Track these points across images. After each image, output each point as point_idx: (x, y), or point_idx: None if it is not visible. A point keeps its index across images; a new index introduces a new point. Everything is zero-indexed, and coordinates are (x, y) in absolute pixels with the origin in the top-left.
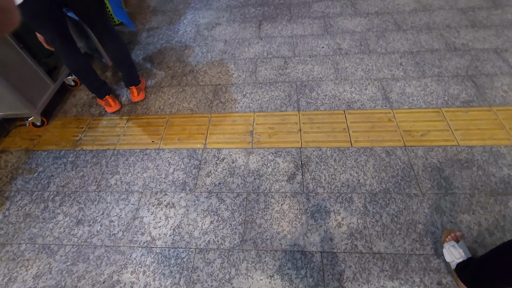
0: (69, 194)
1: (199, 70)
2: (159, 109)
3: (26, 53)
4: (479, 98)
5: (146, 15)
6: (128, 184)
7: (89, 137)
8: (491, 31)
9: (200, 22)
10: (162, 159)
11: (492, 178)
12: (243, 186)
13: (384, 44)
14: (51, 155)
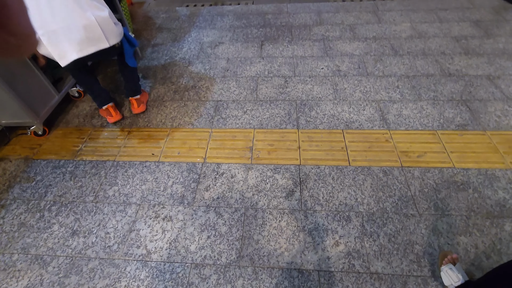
0: (66, 204)
1: (202, 86)
2: (160, 122)
3: (34, 64)
4: (474, 122)
5: (152, 31)
6: (126, 196)
7: (90, 147)
8: (484, 58)
9: (204, 41)
10: (162, 172)
11: (487, 201)
12: (241, 202)
13: (381, 67)
14: (50, 164)
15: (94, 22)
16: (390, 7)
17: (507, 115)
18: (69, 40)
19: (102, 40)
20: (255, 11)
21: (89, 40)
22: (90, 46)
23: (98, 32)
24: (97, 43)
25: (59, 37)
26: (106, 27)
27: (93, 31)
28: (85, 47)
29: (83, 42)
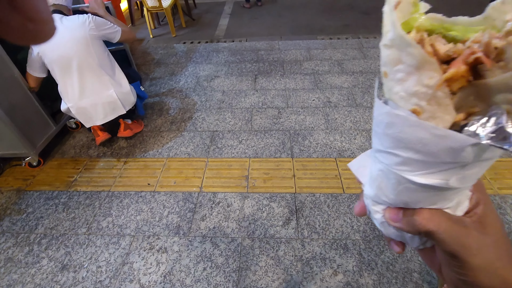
0: (57, 236)
1: (198, 117)
2: (157, 152)
3: (34, 96)
4: None
5: (150, 66)
6: (120, 227)
7: (85, 178)
8: None
9: (200, 74)
10: (157, 202)
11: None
12: (238, 231)
13: (369, 99)
14: (43, 196)
15: (116, 98)
16: (374, 44)
17: None
18: (95, 112)
19: (120, 109)
20: (249, 48)
21: (111, 110)
22: (111, 114)
23: (118, 104)
24: (116, 111)
25: (86, 112)
26: (124, 99)
27: (114, 104)
28: (107, 116)
29: (105, 112)
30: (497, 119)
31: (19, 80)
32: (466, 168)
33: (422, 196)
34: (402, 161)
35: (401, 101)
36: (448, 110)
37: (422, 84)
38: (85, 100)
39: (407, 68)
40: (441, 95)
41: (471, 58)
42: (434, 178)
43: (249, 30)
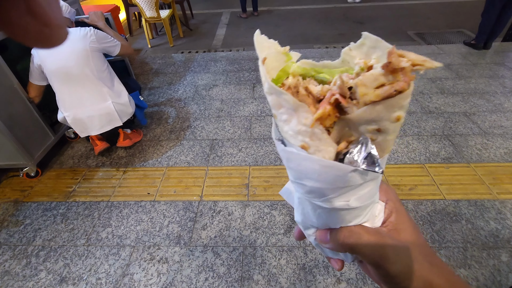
0: (55, 248)
1: (197, 126)
2: (156, 161)
3: (33, 106)
4: (458, 155)
5: (149, 76)
6: (120, 237)
7: (83, 188)
8: (459, 97)
9: (199, 84)
10: (157, 212)
11: (481, 232)
12: (239, 240)
13: None
14: (41, 207)
15: (113, 110)
16: None
17: (486, 148)
18: (91, 123)
19: (117, 120)
20: (246, 57)
21: (107, 121)
22: (107, 126)
23: (115, 116)
24: (112, 123)
25: (82, 122)
26: (121, 111)
27: (111, 116)
28: (103, 127)
29: (101, 124)
30: (366, 146)
31: (18, 90)
32: (359, 188)
33: (337, 217)
34: (309, 189)
35: (291, 138)
36: (328, 143)
37: (302, 124)
38: (82, 110)
39: (287, 111)
40: (318, 131)
41: (332, 99)
42: (337, 201)
43: (246, 39)
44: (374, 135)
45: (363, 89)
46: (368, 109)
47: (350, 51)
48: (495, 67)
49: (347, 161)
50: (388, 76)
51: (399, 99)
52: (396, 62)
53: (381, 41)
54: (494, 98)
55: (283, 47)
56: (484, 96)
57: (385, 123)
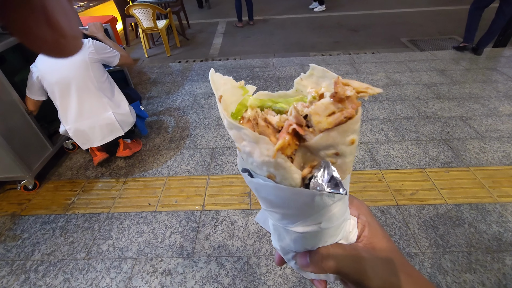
0: (54, 263)
1: (197, 134)
2: (156, 171)
3: (32, 118)
4: (456, 159)
5: (147, 85)
6: (121, 250)
7: (83, 200)
8: (454, 102)
9: (197, 92)
10: (159, 222)
11: (484, 235)
12: (243, 250)
13: (365, 112)
14: (39, 220)
15: (114, 120)
16: (365, 59)
17: (484, 152)
18: (92, 135)
19: (119, 130)
20: (244, 65)
21: (108, 132)
22: (108, 136)
23: (116, 126)
24: (114, 133)
25: (84, 134)
26: (123, 121)
27: (112, 126)
28: (104, 138)
29: (103, 135)
30: (328, 170)
31: (16, 102)
32: (329, 210)
33: (312, 239)
34: (281, 216)
35: (257, 169)
36: (293, 170)
37: (264, 155)
38: (83, 122)
39: (249, 144)
40: (281, 161)
41: (290, 129)
42: (308, 225)
43: (242, 48)
44: (333, 159)
45: (317, 117)
46: (324, 135)
47: (301, 81)
48: (488, 72)
49: (312, 185)
50: (337, 105)
51: (350, 124)
52: (342, 92)
53: (327, 71)
54: (489, 103)
55: (238, 82)
56: (479, 101)
57: (341, 147)
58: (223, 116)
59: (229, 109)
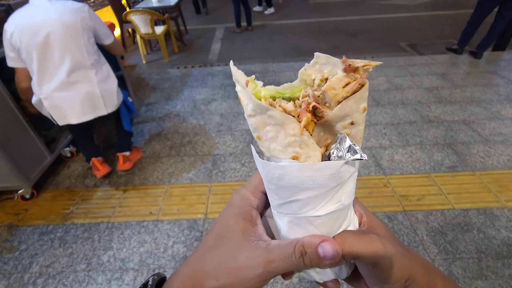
0: (53, 275)
1: (197, 141)
2: (157, 179)
3: (30, 126)
4: (462, 164)
5: (145, 91)
6: (122, 261)
7: (82, 209)
8: (456, 106)
9: (197, 98)
10: (161, 232)
11: (493, 241)
12: None
13: (367, 117)
14: (37, 231)
15: (98, 95)
16: None
17: (489, 155)
18: (70, 109)
19: (101, 108)
20: (243, 71)
21: (90, 108)
22: (89, 114)
23: (99, 103)
24: (96, 111)
25: (61, 106)
26: (108, 98)
27: (95, 101)
28: (85, 114)
29: (84, 111)
30: (345, 141)
31: (14, 110)
32: (345, 186)
33: (332, 223)
34: (303, 203)
35: (280, 154)
36: (315, 148)
37: (290, 135)
38: (63, 94)
39: (273, 128)
40: (306, 138)
41: (310, 107)
42: (331, 204)
43: (241, 53)
44: (348, 130)
45: (333, 91)
46: (342, 106)
47: (305, 71)
48: (488, 75)
49: (333, 159)
50: (351, 75)
51: (364, 92)
52: (353, 63)
53: (330, 57)
54: (491, 106)
55: (249, 77)
56: (481, 104)
57: (356, 115)
58: (249, 100)
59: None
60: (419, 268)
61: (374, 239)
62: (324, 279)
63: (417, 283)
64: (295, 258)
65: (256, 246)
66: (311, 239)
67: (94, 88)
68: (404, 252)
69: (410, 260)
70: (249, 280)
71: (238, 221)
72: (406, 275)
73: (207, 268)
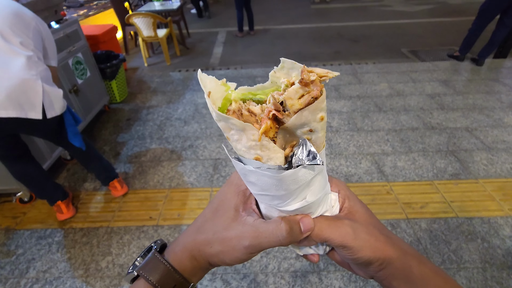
0: (50, 281)
1: (199, 145)
2: (158, 183)
3: None
4: (465, 171)
5: (147, 94)
6: (121, 267)
7: (81, 213)
8: (459, 113)
9: (199, 102)
10: (161, 237)
11: (498, 251)
12: (249, 266)
13: (369, 123)
14: (35, 235)
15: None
16: (367, 69)
17: (492, 163)
18: None
19: (37, 107)
20: (245, 75)
21: (18, 102)
22: (12, 109)
23: (37, 98)
24: (25, 109)
25: None
26: (50, 95)
27: (29, 93)
28: (6, 108)
29: (4, 104)
30: (306, 146)
31: None
32: (311, 184)
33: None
34: (272, 198)
35: (245, 154)
36: (276, 150)
37: (251, 140)
38: None
39: (237, 132)
40: (265, 143)
41: (270, 115)
42: (297, 201)
43: (243, 57)
44: (308, 135)
45: (290, 101)
46: (298, 115)
47: (274, 74)
48: (490, 82)
49: (294, 161)
50: (304, 88)
51: (318, 103)
52: (307, 77)
53: (295, 63)
54: (493, 113)
55: (220, 80)
56: (484, 111)
57: (313, 124)
58: (212, 109)
59: (216, 104)
60: (395, 251)
61: (345, 224)
62: (304, 252)
63: (393, 266)
64: (282, 233)
65: (245, 221)
66: (292, 217)
67: (35, 78)
68: (380, 237)
69: (386, 244)
70: (238, 250)
71: (233, 198)
72: (380, 258)
73: (204, 236)
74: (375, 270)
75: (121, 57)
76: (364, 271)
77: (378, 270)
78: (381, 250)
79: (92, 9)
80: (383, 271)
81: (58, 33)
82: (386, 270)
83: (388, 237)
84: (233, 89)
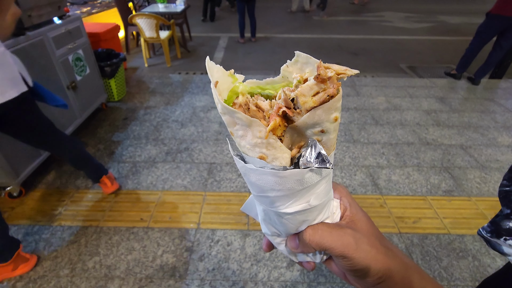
0: (34, 279)
1: (194, 148)
2: (151, 184)
3: None
4: (458, 188)
5: (145, 95)
6: (108, 268)
7: (70, 211)
8: (454, 130)
9: (197, 105)
10: (151, 239)
11: (489, 270)
12: (239, 273)
13: (366, 135)
14: (22, 231)
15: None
16: (366, 82)
17: (485, 182)
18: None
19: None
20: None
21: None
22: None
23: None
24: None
25: None
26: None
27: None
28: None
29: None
30: (315, 147)
31: None
32: (316, 187)
33: (301, 219)
34: (272, 200)
35: (249, 152)
36: (283, 150)
37: (256, 137)
38: None
39: (242, 127)
40: (272, 141)
41: (280, 111)
42: (299, 204)
43: (243, 63)
44: (319, 136)
45: (303, 98)
46: (310, 114)
47: (287, 68)
48: (486, 102)
49: (301, 163)
50: (320, 85)
51: (333, 102)
52: (324, 73)
53: (311, 57)
54: (488, 133)
55: (228, 70)
56: (478, 130)
57: (326, 124)
58: (218, 101)
59: (222, 95)
60: (396, 264)
61: (347, 234)
62: (300, 259)
63: (393, 279)
64: None
65: None
66: None
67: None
68: (381, 249)
69: (387, 256)
70: None
71: None
72: (380, 270)
73: None
74: (374, 282)
75: (122, 56)
76: (362, 283)
77: (377, 283)
78: (382, 262)
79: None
80: (382, 284)
81: (60, 28)
82: (385, 283)
83: (389, 249)
84: (241, 81)
